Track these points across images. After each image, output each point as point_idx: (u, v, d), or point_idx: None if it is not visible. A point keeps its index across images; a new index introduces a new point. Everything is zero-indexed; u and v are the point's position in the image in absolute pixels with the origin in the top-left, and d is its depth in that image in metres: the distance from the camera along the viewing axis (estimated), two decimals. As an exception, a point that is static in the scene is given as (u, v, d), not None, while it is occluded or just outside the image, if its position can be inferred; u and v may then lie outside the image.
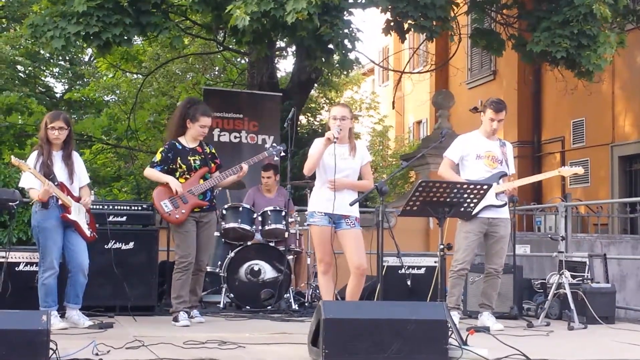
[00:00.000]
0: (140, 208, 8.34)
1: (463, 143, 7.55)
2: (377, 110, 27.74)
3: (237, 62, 20.61)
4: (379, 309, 5.22)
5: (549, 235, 9.46)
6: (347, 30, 10.22)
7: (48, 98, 22.77)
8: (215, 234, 8.72)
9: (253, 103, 12.31)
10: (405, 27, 11.39)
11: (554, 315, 8.19)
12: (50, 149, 6.91)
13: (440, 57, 19.18)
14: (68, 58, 22.97)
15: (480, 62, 20.58)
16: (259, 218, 8.89)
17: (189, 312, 7.26)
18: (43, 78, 24.08)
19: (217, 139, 11.55)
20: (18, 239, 9.07)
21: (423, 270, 8.78)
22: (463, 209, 6.37)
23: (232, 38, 13.42)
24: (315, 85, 19.35)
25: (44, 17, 10.30)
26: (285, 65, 29.01)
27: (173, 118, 7.66)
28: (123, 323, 7.13)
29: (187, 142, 7.37)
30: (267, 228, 8.81)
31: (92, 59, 23.85)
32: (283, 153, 8.06)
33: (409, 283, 8.63)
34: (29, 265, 7.47)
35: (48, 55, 21.59)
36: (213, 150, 7.58)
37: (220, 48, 17.67)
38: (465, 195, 6.25)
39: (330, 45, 10.40)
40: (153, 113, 19.72)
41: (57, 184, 6.80)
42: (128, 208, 8.32)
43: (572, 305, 7.62)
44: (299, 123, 18.39)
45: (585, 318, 7.77)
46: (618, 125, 16.52)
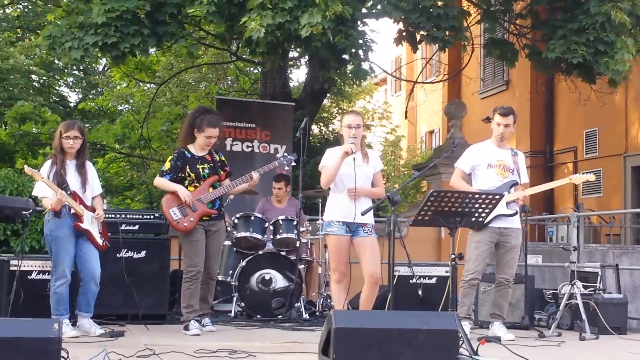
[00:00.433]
0: (153, 217, 8.37)
1: (474, 153, 7.56)
2: (389, 120, 27.74)
3: (250, 71, 20.66)
4: (390, 319, 5.22)
5: (561, 246, 9.44)
6: (361, 41, 10.26)
7: (62, 107, 22.90)
8: (227, 243, 8.76)
9: (265, 113, 12.35)
10: (418, 37, 11.41)
11: (566, 326, 8.16)
12: (64, 158, 6.94)
13: (453, 67, 19.18)
14: (82, 68, 23.09)
15: (493, 72, 20.56)
16: (271, 227, 8.91)
17: (200, 320, 7.26)
18: (57, 87, 24.23)
19: (229, 149, 11.60)
20: (31, 248, 9.13)
21: (434, 280, 8.79)
22: (474, 219, 6.38)
23: (245, 48, 13.47)
24: (328, 95, 19.36)
25: (62, 28, 10.34)
26: (298, 75, 29.08)
27: (183, 126, 7.66)
28: (134, 331, 7.15)
29: (196, 150, 7.35)
30: (278, 237, 8.83)
31: (106, 69, 23.97)
32: (294, 163, 8.06)
33: (420, 293, 8.62)
34: (41, 274, 7.49)
35: (62, 65, 21.70)
36: (223, 158, 7.56)
37: (234, 58, 17.73)
38: (477, 205, 6.26)
39: (344, 55, 10.44)
40: (166, 122, 19.79)
41: (69, 193, 6.83)
42: (140, 217, 8.36)
43: (583, 316, 7.59)
44: (311, 132, 18.42)
45: (597, 329, 7.74)
46: (631, 136, 16.47)
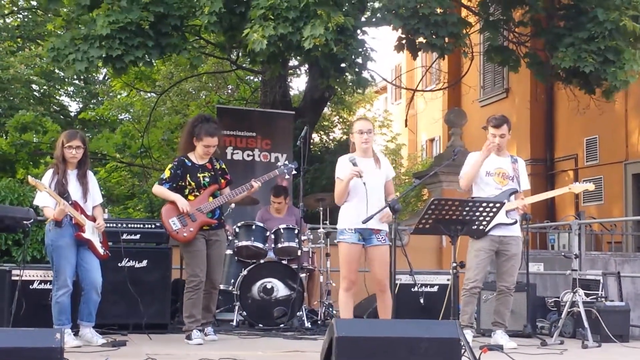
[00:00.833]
0: (154, 226, 8.37)
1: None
2: (389, 128, 27.77)
3: (250, 80, 20.69)
4: (392, 327, 5.20)
5: (563, 253, 9.42)
6: (361, 49, 10.28)
7: (62, 117, 22.92)
8: (228, 252, 8.76)
9: (266, 121, 12.36)
10: (417, 44, 11.43)
11: (568, 334, 8.16)
12: (66, 168, 6.94)
13: (453, 75, 19.19)
14: (83, 77, 23.13)
15: (493, 80, 20.57)
16: (272, 236, 8.91)
17: (203, 329, 7.24)
18: (58, 97, 24.26)
19: (230, 157, 11.60)
20: (32, 257, 9.11)
21: (436, 288, 8.78)
22: (475, 227, 6.38)
23: (245, 57, 13.50)
24: (328, 104, 19.39)
25: (65, 40, 10.33)
26: (298, 84, 29.10)
27: (182, 134, 7.62)
28: (136, 341, 7.14)
29: (196, 158, 7.33)
30: (279, 246, 8.83)
31: (106, 78, 24.00)
32: (294, 171, 8.05)
33: (422, 301, 8.62)
34: (43, 284, 7.49)
35: (63, 75, 21.73)
36: (223, 166, 7.53)
37: (234, 67, 17.75)
38: (478, 214, 6.27)
39: (344, 64, 10.45)
40: (166, 131, 19.81)
41: (71, 203, 6.83)
42: (141, 226, 8.36)
43: (585, 324, 7.59)
44: (312, 141, 18.43)
45: (599, 336, 7.73)
46: (631, 143, 16.46)
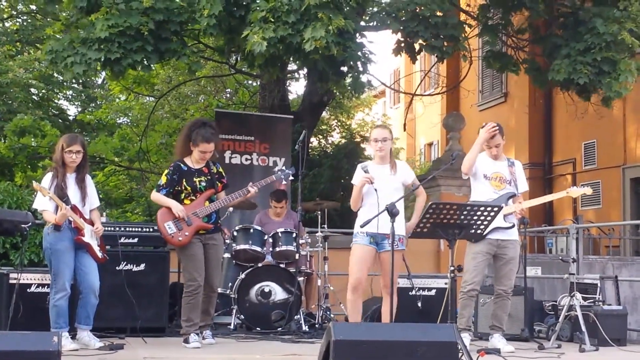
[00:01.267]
0: (152, 230, 8.35)
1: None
2: (388, 132, 27.75)
3: (248, 84, 20.71)
4: (390, 331, 5.22)
5: (560, 257, 9.40)
6: (359, 53, 10.29)
7: (61, 120, 22.90)
8: (226, 256, 8.76)
9: (264, 125, 12.36)
10: (417, 47, 11.44)
11: (565, 338, 8.17)
12: (65, 172, 6.95)
13: (451, 79, 19.21)
14: (81, 81, 23.13)
15: (491, 84, 20.59)
16: (270, 240, 8.91)
17: (201, 331, 7.23)
18: (56, 101, 24.24)
19: (228, 161, 11.59)
20: (30, 261, 9.11)
21: (434, 292, 8.79)
22: (473, 231, 6.40)
23: (244, 61, 13.50)
24: (327, 108, 19.40)
25: (63, 43, 10.33)
26: (297, 88, 29.14)
27: (179, 138, 7.59)
28: (134, 344, 7.14)
29: (192, 162, 7.30)
30: (277, 250, 8.83)
31: (104, 82, 24.01)
32: (292, 177, 8.04)
33: (420, 304, 8.64)
34: (41, 287, 7.49)
35: (61, 79, 21.73)
36: (220, 170, 7.49)
37: (232, 71, 17.76)
38: (476, 217, 6.28)
39: (343, 68, 10.46)
40: (165, 135, 19.82)
41: (70, 206, 6.84)
42: (139, 230, 8.35)
43: (583, 327, 7.59)
44: (310, 145, 18.43)
45: (597, 340, 7.73)
46: (629, 148, 16.48)
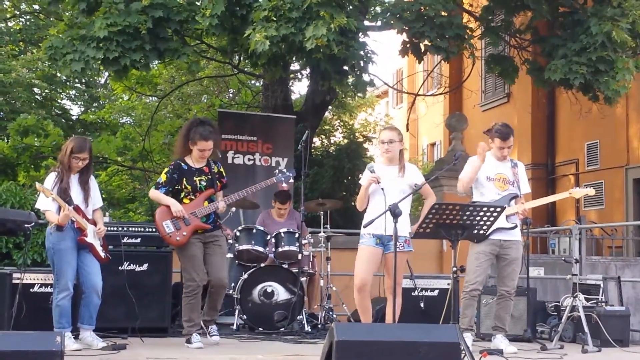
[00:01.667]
0: (154, 230, 8.32)
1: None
2: (391, 133, 27.72)
3: (251, 84, 20.72)
4: (392, 332, 5.21)
5: (563, 258, 9.41)
6: (362, 52, 10.29)
7: (64, 120, 22.93)
8: (229, 256, 8.76)
9: (267, 125, 12.36)
10: (422, 48, 11.44)
11: (568, 338, 8.16)
12: (69, 174, 6.95)
13: (454, 79, 19.20)
14: (84, 81, 23.16)
15: (494, 84, 20.59)
16: (272, 240, 8.91)
17: (207, 327, 7.17)
18: (59, 100, 24.26)
19: (231, 161, 11.59)
20: (33, 261, 9.12)
21: (436, 293, 8.80)
22: (476, 232, 6.39)
23: (246, 61, 13.51)
24: (330, 108, 19.40)
25: (63, 40, 10.36)
26: (300, 88, 29.15)
27: (179, 138, 7.57)
28: (136, 344, 7.15)
29: (193, 162, 7.29)
30: (280, 250, 8.83)
31: (107, 82, 24.04)
32: (292, 179, 8.01)
33: (422, 305, 8.64)
34: (44, 287, 7.50)
35: (64, 78, 21.76)
36: (221, 169, 7.47)
37: (235, 71, 17.77)
38: (479, 218, 6.28)
39: (345, 67, 10.46)
40: (167, 135, 19.84)
41: (73, 207, 6.85)
42: (142, 230, 8.35)
43: (586, 328, 7.59)
44: (313, 145, 18.44)
45: (599, 341, 7.73)
46: (632, 148, 16.48)
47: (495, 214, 6.34)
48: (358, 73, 10.56)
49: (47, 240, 6.97)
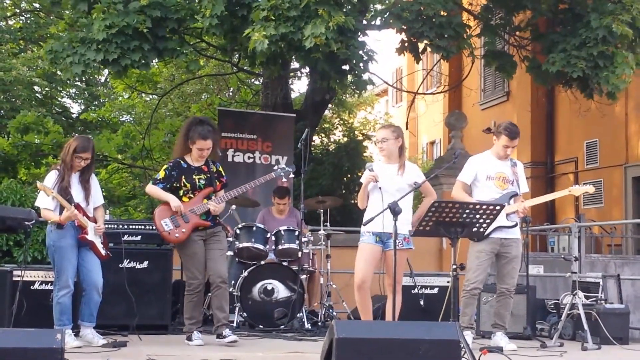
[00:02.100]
0: (155, 227, 8.36)
1: (475, 164, 7.57)
2: (390, 131, 27.71)
3: (251, 83, 20.72)
4: (392, 329, 5.22)
5: (563, 256, 9.44)
6: (361, 52, 10.30)
7: (64, 118, 22.91)
8: (229, 254, 8.77)
9: (267, 124, 12.36)
10: (421, 47, 11.44)
11: (568, 336, 8.18)
12: (70, 172, 6.96)
13: (454, 78, 19.19)
14: (84, 79, 23.14)
15: (494, 83, 20.60)
16: (273, 238, 8.92)
17: (221, 332, 7.11)
18: (59, 99, 24.24)
19: (231, 159, 11.61)
20: (33, 258, 9.13)
21: (436, 290, 8.83)
22: (475, 230, 6.40)
23: (246, 60, 13.51)
24: (329, 106, 19.39)
25: (63, 43, 10.35)
26: (299, 86, 29.14)
27: (178, 137, 7.58)
28: (137, 342, 7.16)
29: (192, 160, 7.28)
30: (280, 247, 8.84)
31: (107, 80, 24.03)
32: (292, 175, 8.02)
33: (422, 303, 8.66)
34: (44, 284, 7.52)
35: (64, 76, 21.73)
36: (220, 169, 7.46)
37: (235, 69, 17.77)
38: (478, 216, 6.29)
39: (345, 66, 10.47)
40: (167, 133, 19.84)
41: (73, 205, 6.86)
42: (142, 227, 8.36)
43: (585, 326, 7.60)
44: (313, 143, 18.44)
45: (599, 339, 7.74)
46: (631, 146, 16.48)
47: (495, 212, 6.36)
48: (357, 73, 10.57)
49: (47, 238, 6.99)
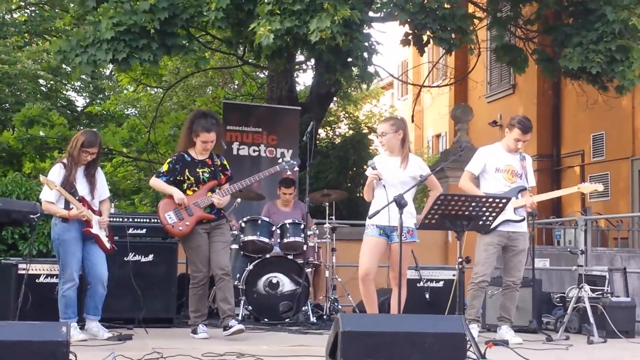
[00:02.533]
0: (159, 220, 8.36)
1: (484, 156, 7.54)
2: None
3: (256, 76, 20.70)
4: (398, 322, 5.21)
5: (569, 249, 9.39)
6: (366, 43, 10.27)
7: (69, 111, 22.94)
8: (234, 247, 8.76)
9: (272, 117, 12.36)
10: (424, 39, 11.41)
11: (574, 329, 8.17)
12: (76, 166, 6.96)
13: (460, 70, 19.16)
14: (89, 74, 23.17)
15: (500, 75, 20.54)
16: (278, 231, 8.91)
17: (227, 324, 7.07)
18: (64, 92, 24.28)
19: (236, 153, 11.61)
20: (38, 251, 9.13)
21: (441, 284, 8.81)
22: (481, 223, 6.38)
23: (251, 53, 13.50)
24: (334, 99, 19.37)
25: (72, 43, 10.31)
26: (305, 79, 29.16)
27: (182, 130, 7.55)
28: (142, 335, 7.16)
29: (196, 154, 7.26)
30: (285, 241, 8.83)
31: (112, 74, 24.04)
32: (297, 168, 7.99)
33: (428, 296, 8.64)
34: (49, 277, 7.52)
35: (69, 70, 21.77)
36: (224, 162, 7.44)
37: (240, 62, 17.76)
38: (484, 209, 6.27)
39: (350, 59, 10.44)
40: (173, 127, 19.84)
41: (78, 198, 6.85)
42: (148, 221, 8.35)
43: (591, 319, 7.58)
44: (318, 136, 18.42)
45: (605, 332, 7.72)
46: (638, 139, 16.41)
47: (501, 206, 6.33)
48: (363, 65, 10.54)
49: (52, 231, 6.99)
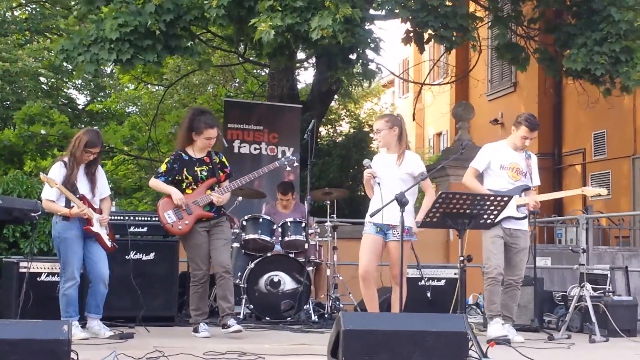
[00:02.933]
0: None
1: (490, 152, 7.53)
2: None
3: (257, 74, 20.68)
4: (399, 321, 5.20)
5: (570, 248, 9.41)
6: (368, 40, 10.26)
7: (70, 109, 22.92)
8: (235, 245, 8.75)
9: (273, 115, 12.35)
10: (425, 37, 11.40)
11: (575, 328, 8.16)
12: (78, 165, 6.94)
13: (461, 68, 19.15)
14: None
15: (501, 73, 20.53)
16: (279, 229, 8.90)
17: (226, 322, 7.08)
18: (65, 90, 24.26)
19: (237, 150, 11.61)
20: (39, 250, 9.13)
21: (443, 282, 8.80)
22: (483, 221, 6.36)
23: (252, 51, 13.49)
24: (335, 97, 19.35)
25: (75, 42, 10.30)
26: (306, 77, 29.14)
27: (180, 128, 7.53)
28: (143, 333, 7.15)
29: (194, 152, 7.24)
30: (287, 239, 8.82)
31: (113, 72, 24.02)
32: (296, 163, 7.97)
33: (429, 295, 8.63)
34: (51, 276, 7.50)
35: (70, 67, 21.76)
36: (223, 159, 7.40)
37: (241, 60, 17.74)
38: (486, 207, 6.25)
39: (351, 55, 10.43)
40: (174, 125, 19.83)
41: (78, 196, 6.84)
42: (149, 219, 8.33)
43: (593, 318, 7.58)
44: (319, 134, 18.42)
45: (607, 331, 7.72)
46: (640, 137, 16.43)
47: (503, 204, 6.31)
48: (364, 61, 10.53)
49: (53, 230, 6.98)
